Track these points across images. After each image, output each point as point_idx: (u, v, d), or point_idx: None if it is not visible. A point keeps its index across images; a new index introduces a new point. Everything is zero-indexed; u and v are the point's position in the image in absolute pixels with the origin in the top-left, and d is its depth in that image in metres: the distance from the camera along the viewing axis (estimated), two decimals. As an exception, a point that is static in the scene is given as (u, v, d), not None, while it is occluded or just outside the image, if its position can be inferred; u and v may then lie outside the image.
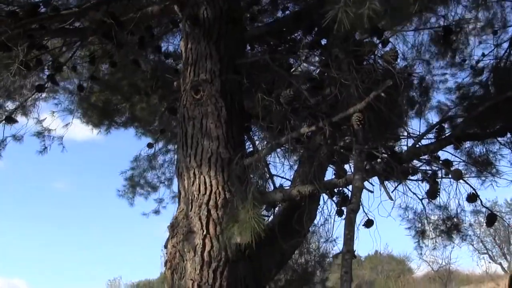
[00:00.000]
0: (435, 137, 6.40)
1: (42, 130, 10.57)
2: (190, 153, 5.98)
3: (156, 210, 12.43)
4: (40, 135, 10.57)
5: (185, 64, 6.48)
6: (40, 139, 10.57)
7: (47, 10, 7.03)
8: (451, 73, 10.06)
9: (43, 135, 10.57)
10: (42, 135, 10.56)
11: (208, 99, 6.10)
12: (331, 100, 5.85)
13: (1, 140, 9.68)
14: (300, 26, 6.88)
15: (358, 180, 5.02)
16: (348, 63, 5.77)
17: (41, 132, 10.57)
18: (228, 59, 6.35)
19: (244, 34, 6.82)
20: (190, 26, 6.51)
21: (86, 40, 8.45)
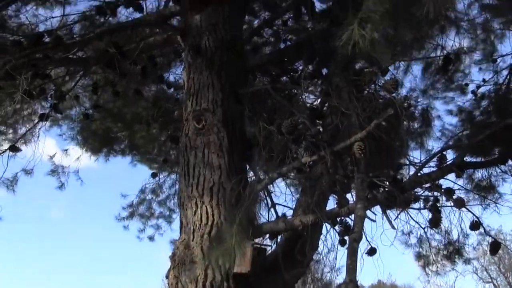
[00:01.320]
0: (436, 166, 6.41)
1: (55, 167, 10.72)
2: (192, 183, 5.98)
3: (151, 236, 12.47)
4: (55, 173, 10.70)
5: (187, 93, 6.51)
6: (56, 176, 10.72)
7: (51, 39, 7.09)
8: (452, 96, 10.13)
9: (58, 172, 10.71)
10: (57, 173, 10.71)
11: (210, 128, 6.13)
12: (332, 129, 5.86)
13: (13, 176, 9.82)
14: (301, 56, 6.92)
15: (360, 209, 5.00)
16: (349, 92, 5.80)
17: (54, 170, 10.70)
18: (230, 89, 6.39)
19: (245, 64, 6.86)
20: (192, 56, 6.56)
21: (89, 69, 8.51)
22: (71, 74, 9.00)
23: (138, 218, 12.21)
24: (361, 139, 5.12)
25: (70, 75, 9.01)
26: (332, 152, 5.36)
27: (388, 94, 5.69)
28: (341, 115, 5.63)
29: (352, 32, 3.42)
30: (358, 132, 5.21)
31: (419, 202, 6.14)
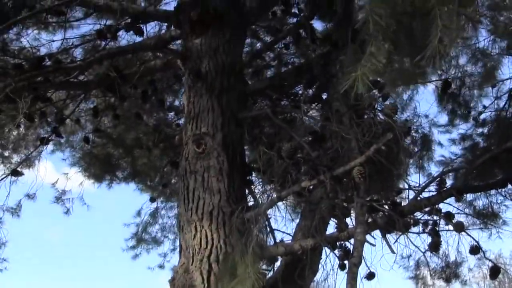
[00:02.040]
0: (436, 190, 6.41)
1: (59, 194, 10.73)
2: (192, 207, 5.97)
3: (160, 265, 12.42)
4: (60, 200, 10.72)
5: (187, 117, 6.52)
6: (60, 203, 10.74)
7: (52, 63, 7.12)
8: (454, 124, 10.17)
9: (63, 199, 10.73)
10: (62, 200, 10.72)
11: (210, 152, 6.13)
12: (332, 153, 5.87)
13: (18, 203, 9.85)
14: (301, 80, 6.95)
15: (360, 234, 5.01)
16: (349, 117, 5.82)
17: (59, 197, 10.72)
18: (230, 113, 6.39)
19: (246, 88, 6.88)
20: (193, 80, 6.58)
21: (89, 93, 8.54)
22: (72, 98, 9.02)
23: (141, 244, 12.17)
24: (361, 164, 5.13)
25: (71, 98, 9.03)
26: (331, 176, 5.36)
27: (388, 119, 5.70)
28: (341, 139, 5.65)
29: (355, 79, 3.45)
30: (358, 157, 5.23)
31: (418, 226, 6.14)
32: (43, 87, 7.00)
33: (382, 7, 3.37)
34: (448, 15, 3.12)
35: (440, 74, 9.33)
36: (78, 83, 7.86)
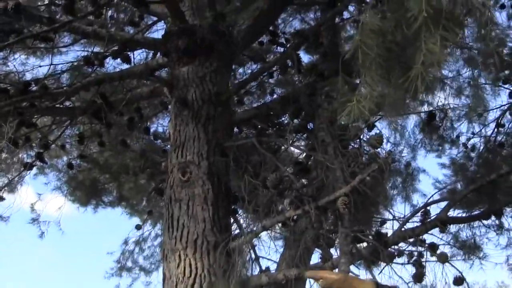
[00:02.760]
0: (420, 220, 6.44)
1: (36, 216, 10.68)
2: (176, 235, 5.95)
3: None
4: (35, 221, 10.66)
5: (173, 145, 6.53)
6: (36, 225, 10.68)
7: (38, 88, 7.11)
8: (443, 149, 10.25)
9: (38, 221, 10.67)
10: (38, 221, 10.66)
11: (195, 181, 6.13)
12: (317, 183, 5.89)
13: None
14: (287, 110, 6.97)
15: (344, 264, 5.02)
16: (334, 147, 5.85)
17: (35, 218, 10.66)
18: (215, 142, 6.41)
19: (232, 117, 6.91)
20: (179, 108, 6.59)
21: (75, 119, 8.51)
22: (58, 124, 9.00)
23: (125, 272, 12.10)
24: (346, 194, 5.15)
25: (57, 124, 9.01)
26: (316, 206, 5.38)
27: (373, 149, 5.73)
28: (326, 169, 5.67)
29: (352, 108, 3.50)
30: (343, 187, 5.25)
31: (403, 257, 6.16)
32: (29, 112, 6.97)
33: (371, 37, 3.42)
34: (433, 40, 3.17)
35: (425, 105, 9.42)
36: (64, 109, 7.84)
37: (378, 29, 3.41)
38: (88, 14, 7.22)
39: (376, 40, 3.43)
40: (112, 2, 8.28)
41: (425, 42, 3.17)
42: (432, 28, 3.18)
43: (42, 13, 7.88)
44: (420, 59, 3.15)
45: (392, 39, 3.49)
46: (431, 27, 3.18)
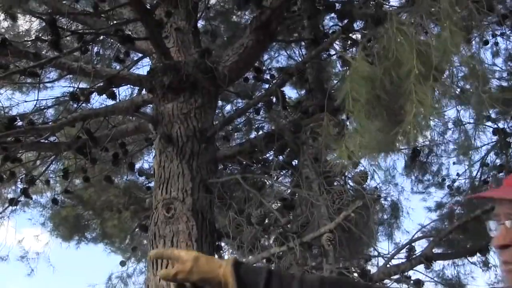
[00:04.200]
0: (405, 257, 6.44)
1: (24, 253, 10.74)
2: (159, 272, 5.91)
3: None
4: (24, 259, 10.71)
5: (158, 181, 6.51)
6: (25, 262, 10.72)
7: (24, 124, 7.11)
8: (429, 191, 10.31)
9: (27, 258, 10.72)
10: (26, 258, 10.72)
11: (179, 217, 6.10)
12: (302, 220, 5.89)
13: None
14: (272, 146, 6.99)
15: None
16: (319, 183, 5.87)
17: (24, 256, 10.72)
18: (200, 178, 6.39)
19: (216, 153, 6.91)
20: (163, 144, 6.59)
21: (60, 154, 8.50)
22: (42, 159, 8.98)
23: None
24: (330, 231, 5.15)
25: (41, 159, 8.99)
26: (301, 243, 5.37)
27: (358, 186, 5.75)
28: (311, 206, 5.68)
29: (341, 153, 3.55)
30: (328, 224, 5.25)
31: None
32: (14, 147, 6.95)
33: (361, 84, 3.46)
34: (422, 91, 3.21)
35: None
36: (49, 144, 7.80)
37: (367, 76, 3.45)
38: (74, 50, 7.24)
39: (366, 87, 3.47)
40: (98, 39, 8.32)
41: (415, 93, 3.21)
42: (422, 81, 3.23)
43: (28, 49, 7.90)
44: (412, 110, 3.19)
45: (381, 87, 3.53)
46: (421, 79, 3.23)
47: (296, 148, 6.66)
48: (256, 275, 1.79)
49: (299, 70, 7.44)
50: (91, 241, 11.05)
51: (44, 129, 7.02)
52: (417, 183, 10.21)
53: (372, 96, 3.47)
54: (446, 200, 9.98)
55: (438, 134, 9.57)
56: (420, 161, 9.79)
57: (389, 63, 3.41)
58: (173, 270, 1.87)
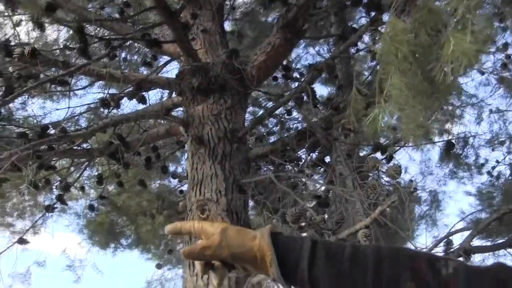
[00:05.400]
0: (443, 251, 6.35)
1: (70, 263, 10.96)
2: (197, 273, 5.92)
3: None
4: (71, 267, 10.91)
5: (191, 183, 6.51)
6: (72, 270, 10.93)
7: (56, 131, 7.17)
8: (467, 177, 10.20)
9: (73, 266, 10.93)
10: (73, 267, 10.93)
11: (214, 218, 6.09)
12: (336, 216, 5.85)
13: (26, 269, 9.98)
14: (304, 144, 6.95)
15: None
16: (353, 179, 5.81)
17: (70, 265, 10.94)
18: (233, 179, 6.38)
19: (248, 153, 6.89)
20: (195, 146, 6.59)
21: (93, 160, 8.56)
22: (76, 165, 9.06)
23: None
24: (366, 226, 5.09)
25: (75, 166, 9.06)
26: (337, 239, 5.32)
27: (392, 180, 5.69)
28: (346, 202, 5.62)
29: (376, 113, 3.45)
30: (363, 219, 5.19)
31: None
32: (47, 155, 7.01)
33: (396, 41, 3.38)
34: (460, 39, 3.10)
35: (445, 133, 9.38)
36: (82, 151, 7.88)
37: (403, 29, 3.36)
38: (103, 57, 7.28)
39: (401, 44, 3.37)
40: (125, 44, 8.36)
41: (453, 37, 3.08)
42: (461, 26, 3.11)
43: (57, 57, 7.97)
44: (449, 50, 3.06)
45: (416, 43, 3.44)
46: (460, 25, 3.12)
47: (328, 145, 6.61)
48: (299, 246, 1.48)
49: (328, 66, 7.40)
50: (127, 247, 11.13)
51: (76, 136, 7.06)
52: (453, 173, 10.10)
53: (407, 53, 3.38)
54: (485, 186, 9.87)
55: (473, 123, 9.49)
56: (455, 153, 9.68)
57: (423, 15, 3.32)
58: (198, 246, 1.58)
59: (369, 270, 1.42)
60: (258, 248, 1.50)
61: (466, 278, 1.36)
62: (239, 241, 1.53)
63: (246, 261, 1.54)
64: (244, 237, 1.54)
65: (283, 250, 1.49)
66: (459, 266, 1.39)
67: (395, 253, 1.46)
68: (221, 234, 1.54)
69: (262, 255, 1.49)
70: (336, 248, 1.48)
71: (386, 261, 1.43)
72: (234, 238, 1.54)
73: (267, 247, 1.48)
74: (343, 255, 1.45)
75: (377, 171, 6.16)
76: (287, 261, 1.47)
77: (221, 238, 1.54)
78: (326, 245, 1.49)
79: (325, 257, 1.45)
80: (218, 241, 1.54)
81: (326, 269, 1.44)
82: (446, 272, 1.38)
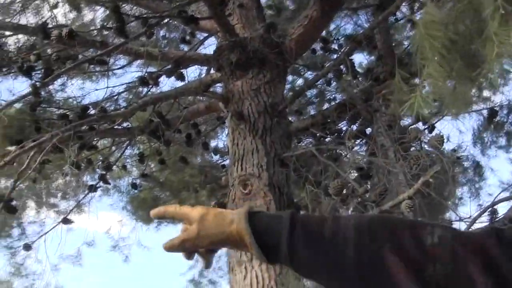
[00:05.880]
0: (488, 220, 6.28)
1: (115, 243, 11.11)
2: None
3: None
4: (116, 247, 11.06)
5: (232, 159, 6.53)
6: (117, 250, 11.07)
7: (96, 112, 7.23)
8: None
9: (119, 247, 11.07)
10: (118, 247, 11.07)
11: (256, 193, 6.10)
12: (379, 188, 5.82)
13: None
14: (345, 116, 6.92)
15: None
16: (395, 150, 5.77)
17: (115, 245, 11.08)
18: (274, 153, 6.37)
19: (289, 127, 6.87)
20: (235, 121, 6.60)
21: (134, 139, 8.62)
22: (117, 145, 9.13)
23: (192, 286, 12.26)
24: (409, 197, 5.06)
25: (116, 145, 9.14)
26: (380, 211, 5.30)
27: (435, 150, 5.63)
28: (388, 174, 5.60)
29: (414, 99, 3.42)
30: (406, 190, 5.16)
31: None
32: (89, 135, 7.07)
33: (434, 28, 3.33)
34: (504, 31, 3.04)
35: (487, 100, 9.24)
36: (122, 130, 7.93)
37: (439, 20, 3.32)
38: (140, 35, 7.31)
39: (439, 31, 3.33)
40: (162, 22, 8.37)
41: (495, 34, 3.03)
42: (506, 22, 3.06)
43: (94, 38, 8.02)
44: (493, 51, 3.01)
45: (454, 30, 3.39)
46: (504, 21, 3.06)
47: (369, 117, 6.58)
48: (276, 226, 1.44)
49: (367, 37, 7.33)
50: (170, 222, 11.19)
51: (116, 115, 7.12)
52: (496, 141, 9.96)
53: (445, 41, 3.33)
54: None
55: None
56: (499, 122, 9.53)
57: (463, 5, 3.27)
58: (176, 240, 1.55)
59: (350, 245, 1.39)
60: (236, 233, 1.47)
61: (451, 246, 1.33)
62: (218, 228, 1.51)
63: (227, 245, 1.53)
64: (222, 223, 1.50)
65: (261, 232, 1.46)
66: (445, 233, 1.35)
67: (376, 224, 1.43)
68: (198, 224, 1.51)
69: (241, 239, 1.46)
70: (316, 224, 1.45)
71: (367, 233, 1.41)
72: (212, 226, 1.51)
73: (244, 231, 1.45)
74: (323, 231, 1.42)
75: (419, 142, 6.11)
76: (266, 242, 1.45)
77: (199, 228, 1.51)
78: (306, 222, 1.45)
79: (304, 235, 1.43)
80: (196, 232, 1.51)
81: (306, 248, 1.42)
82: (431, 241, 1.34)
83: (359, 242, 1.39)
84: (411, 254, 1.34)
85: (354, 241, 1.39)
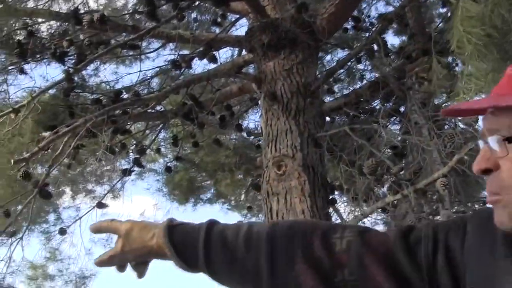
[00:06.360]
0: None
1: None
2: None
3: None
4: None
5: (266, 140, 6.55)
6: None
7: (129, 96, 7.29)
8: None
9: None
10: None
11: (290, 174, 6.12)
12: (414, 166, 5.80)
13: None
14: (378, 95, 6.89)
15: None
16: (429, 128, 5.75)
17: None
18: (308, 133, 6.38)
19: (322, 106, 6.87)
20: (269, 102, 6.61)
21: (167, 122, 8.65)
22: (151, 128, 9.18)
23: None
24: (444, 175, 5.05)
25: (150, 129, 9.19)
26: (415, 190, 5.29)
27: (469, 128, 5.60)
28: (422, 152, 5.58)
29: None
30: (441, 168, 5.14)
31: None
32: (122, 119, 7.13)
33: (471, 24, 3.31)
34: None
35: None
36: (156, 114, 7.97)
37: (476, 15, 3.29)
38: (171, 19, 7.34)
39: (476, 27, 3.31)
40: (193, 5, 8.37)
41: None
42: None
43: (126, 22, 8.06)
44: None
45: (491, 24, 3.37)
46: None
47: (402, 95, 6.55)
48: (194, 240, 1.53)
49: (399, 15, 7.28)
50: (207, 202, 11.24)
51: (149, 99, 7.15)
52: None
53: (483, 35, 3.30)
54: None
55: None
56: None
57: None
58: (105, 256, 1.61)
59: (263, 253, 1.47)
60: (157, 247, 1.54)
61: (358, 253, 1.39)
62: (141, 243, 1.57)
63: (153, 257, 1.60)
64: (144, 238, 1.57)
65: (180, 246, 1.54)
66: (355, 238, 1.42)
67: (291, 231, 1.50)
68: (123, 240, 1.57)
69: (163, 252, 1.54)
70: (231, 234, 1.53)
71: (281, 241, 1.48)
72: (136, 241, 1.57)
73: (163, 246, 1.53)
74: (237, 240, 1.51)
75: (453, 119, 6.07)
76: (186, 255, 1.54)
77: (123, 244, 1.57)
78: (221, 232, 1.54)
79: (220, 246, 1.51)
80: (121, 249, 1.57)
81: (221, 258, 1.50)
82: (340, 247, 1.41)
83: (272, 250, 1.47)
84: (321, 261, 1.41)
85: (267, 249, 1.47)
